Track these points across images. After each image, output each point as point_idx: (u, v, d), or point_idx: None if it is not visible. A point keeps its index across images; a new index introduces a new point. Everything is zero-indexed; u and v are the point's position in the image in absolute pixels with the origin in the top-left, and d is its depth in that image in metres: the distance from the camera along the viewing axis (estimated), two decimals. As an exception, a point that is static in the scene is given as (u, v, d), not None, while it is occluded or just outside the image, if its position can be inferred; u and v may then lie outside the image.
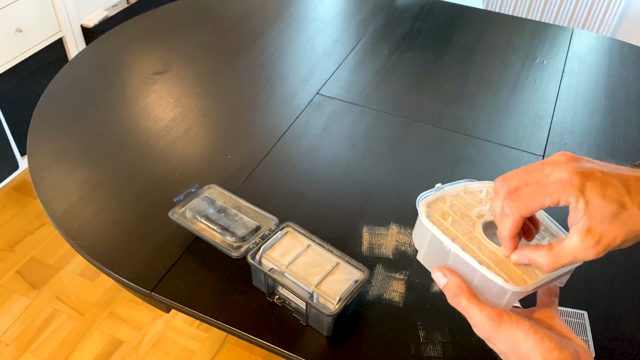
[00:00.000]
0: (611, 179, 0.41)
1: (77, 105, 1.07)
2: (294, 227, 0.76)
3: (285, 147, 1.00)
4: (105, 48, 1.25)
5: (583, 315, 0.72)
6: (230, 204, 0.81)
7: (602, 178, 0.41)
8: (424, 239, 0.50)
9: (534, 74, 1.22)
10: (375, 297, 0.76)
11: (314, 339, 0.71)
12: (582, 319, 0.71)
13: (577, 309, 0.73)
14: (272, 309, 0.74)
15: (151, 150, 0.98)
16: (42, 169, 0.93)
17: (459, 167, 0.97)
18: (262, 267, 0.71)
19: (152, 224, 0.84)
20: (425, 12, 1.44)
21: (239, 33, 1.32)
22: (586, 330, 0.70)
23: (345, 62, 1.24)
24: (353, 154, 1.00)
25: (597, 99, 1.15)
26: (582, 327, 0.71)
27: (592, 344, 0.69)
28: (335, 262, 0.72)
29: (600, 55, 1.29)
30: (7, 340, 1.47)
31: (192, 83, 1.15)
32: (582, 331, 0.70)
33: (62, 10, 1.81)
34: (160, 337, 1.49)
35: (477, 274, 0.46)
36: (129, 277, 0.77)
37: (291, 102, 1.11)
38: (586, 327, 0.70)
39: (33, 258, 1.67)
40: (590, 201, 0.41)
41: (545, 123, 1.08)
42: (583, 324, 0.71)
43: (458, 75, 1.21)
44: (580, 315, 0.72)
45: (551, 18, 2.40)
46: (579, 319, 0.71)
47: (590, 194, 0.41)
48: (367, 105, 1.11)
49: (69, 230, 0.83)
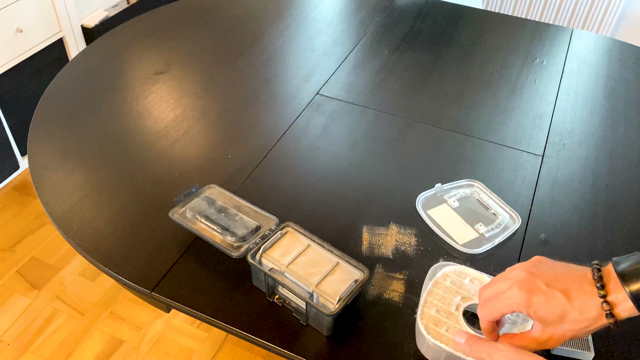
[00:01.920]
0: (554, 292, 0.51)
1: (77, 105, 1.08)
2: (294, 227, 0.76)
3: (285, 147, 1.00)
4: (105, 48, 1.25)
5: None
6: (230, 204, 0.81)
7: (546, 292, 0.52)
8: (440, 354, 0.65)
9: (533, 74, 1.22)
10: (375, 297, 0.76)
11: (314, 339, 0.71)
12: None
13: None
14: (272, 308, 0.74)
15: (151, 150, 0.98)
16: (43, 169, 0.93)
17: (459, 167, 0.97)
18: (262, 267, 0.71)
19: (152, 224, 0.84)
20: (425, 12, 1.44)
21: (239, 33, 1.32)
22: None
23: (345, 62, 1.24)
24: (353, 154, 1.00)
25: (596, 99, 1.16)
26: None
27: (592, 344, 0.69)
28: (335, 262, 0.72)
29: (599, 56, 1.30)
30: (7, 340, 1.47)
31: (192, 83, 1.15)
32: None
33: (62, 10, 1.81)
34: (161, 336, 1.50)
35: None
36: (129, 276, 0.77)
37: (291, 102, 1.11)
38: None
39: (33, 258, 1.67)
40: (537, 312, 0.52)
41: (544, 123, 1.08)
42: None
43: (458, 75, 1.21)
44: None
45: (551, 18, 2.40)
46: None
47: (537, 307, 0.52)
48: (367, 105, 1.11)
49: (69, 230, 0.83)
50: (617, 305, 0.49)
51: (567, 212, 0.90)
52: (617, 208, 0.91)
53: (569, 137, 1.05)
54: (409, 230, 0.85)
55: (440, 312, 0.67)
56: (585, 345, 0.68)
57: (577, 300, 0.51)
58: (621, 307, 0.49)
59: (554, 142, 1.04)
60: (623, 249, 0.84)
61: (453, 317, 0.67)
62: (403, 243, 0.83)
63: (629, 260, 0.50)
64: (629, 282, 0.49)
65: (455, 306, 0.68)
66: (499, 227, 0.86)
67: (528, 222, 0.88)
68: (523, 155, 1.00)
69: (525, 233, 0.86)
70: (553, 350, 0.69)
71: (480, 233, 0.85)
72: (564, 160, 1.00)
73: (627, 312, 0.49)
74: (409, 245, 0.83)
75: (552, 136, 1.05)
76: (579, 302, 0.50)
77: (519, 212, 0.88)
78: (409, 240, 0.84)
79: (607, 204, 0.92)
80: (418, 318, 0.66)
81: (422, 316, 0.67)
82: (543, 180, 0.96)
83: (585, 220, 0.88)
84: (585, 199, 0.92)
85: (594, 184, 0.95)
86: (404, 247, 0.83)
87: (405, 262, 0.80)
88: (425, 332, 0.64)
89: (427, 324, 0.66)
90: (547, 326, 0.53)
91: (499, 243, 0.84)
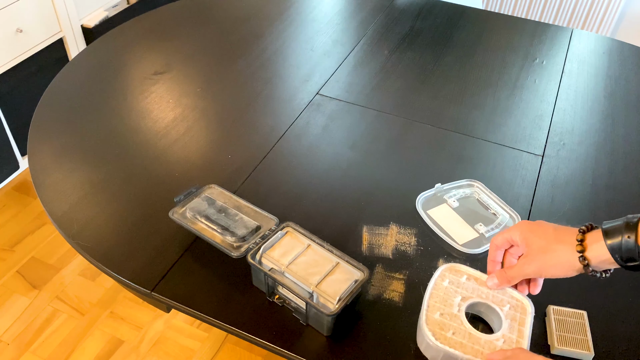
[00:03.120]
0: (544, 227, 0.66)
1: (77, 105, 1.08)
2: (294, 227, 0.76)
3: (285, 147, 1.00)
4: (105, 48, 1.25)
5: (583, 316, 0.72)
6: (230, 204, 0.81)
7: (538, 226, 0.67)
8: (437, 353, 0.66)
9: (533, 74, 1.22)
10: (375, 297, 0.76)
11: (314, 339, 0.71)
12: (582, 319, 0.72)
13: (577, 309, 0.73)
14: (272, 308, 0.74)
15: (151, 150, 0.98)
16: (43, 169, 0.93)
17: (459, 167, 0.97)
18: (262, 266, 0.71)
19: (152, 224, 0.84)
20: (425, 12, 1.44)
21: (239, 33, 1.32)
22: (586, 330, 0.70)
23: (345, 62, 1.24)
24: (353, 154, 1.00)
25: (596, 99, 1.16)
26: (582, 327, 0.71)
27: (592, 344, 0.69)
28: (335, 262, 0.72)
29: (599, 56, 1.30)
30: (7, 340, 1.47)
31: (192, 83, 1.15)
32: (582, 331, 0.70)
33: (62, 10, 1.81)
34: (161, 336, 1.50)
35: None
36: (129, 276, 0.77)
37: (291, 102, 1.11)
38: (586, 327, 0.71)
39: (33, 258, 1.67)
40: (527, 238, 0.66)
41: (544, 123, 1.08)
42: (583, 324, 0.71)
43: (458, 75, 1.21)
44: (580, 315, 0.72)
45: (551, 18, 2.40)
46: (579, 319, 0.72)
47: (528, 234, 0.66)
48: (367, 105, 1.11)
49: (69, 230, 0.83)
50: (589, 247, 0.61)
51: (567, 212, 0.90)
52: (617, 208, 0.91)
53: (568, 137, 1.05)
54: (409, 230, 0.85)
55: (444, 315, 0.67)
56: (585, 345, 0.69)
57: (560, 242, 0.64)
58: (592, 252, 0.61)
59: (553, 142, 1.04)
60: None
61: (456, 318, 0.67)
62: (403, 243, 0.83)
63: (613, 222, 0.62)
64: (609, 237, 0.60)
65: (457, 307, 0.68)
66: (499, 227, 0.86)
67: (528, 222, 0.88)
68: (523, 155, 1.00)
69: (525, 233, 0.86)
70: (553, 350, 0.69)
71: (480, 233, 0.85)
72: (564, 160, 1.00)
73: (597, 259, 0.61)
74: (409, 245, 0.83)
75: (552, 136, 1.05)
76: (561, 245, 0.63)
77: (519, 212, 0.88)
78: (409, 240, 0.84)
79: (607, 203, 0.92)
80: (423, 324, 0.66)
81: (428, 321, 0.67)
82: (543, 180, 0.96)
83: (585, 220, 0.88)
84: (585, 199, 0.92)
85: (594, 184, 0.95)
86: (404, 247, 0.83)
87: (405, 262, 0.81)
88: (433, 338, 0.65)
89: (434, 329, 0.66)
90: (533, 251, 0.65)
91: (499, 243, 0.83)
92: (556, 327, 0.71)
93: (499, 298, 0.70)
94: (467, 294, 0.70)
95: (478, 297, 0.69)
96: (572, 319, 0.72)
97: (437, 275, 0.71)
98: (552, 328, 0.71)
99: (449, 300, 0.69)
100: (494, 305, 0.69)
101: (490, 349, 0.64)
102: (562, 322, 0.71)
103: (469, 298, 0.69)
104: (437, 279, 0.71)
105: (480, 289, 0.71)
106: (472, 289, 0.70)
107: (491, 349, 0.64)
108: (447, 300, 0.69)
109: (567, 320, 0.72)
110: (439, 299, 0.69)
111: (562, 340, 0.69)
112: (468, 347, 0.64)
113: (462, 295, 0.70)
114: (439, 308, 0.68)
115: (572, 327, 0.71)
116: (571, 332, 0.70)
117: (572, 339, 0.69)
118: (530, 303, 0.69)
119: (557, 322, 0.71)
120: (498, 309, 0.68)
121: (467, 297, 0.69)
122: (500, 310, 0.68)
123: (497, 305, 0.69)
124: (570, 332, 0.70)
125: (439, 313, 0.68)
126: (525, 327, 0.67)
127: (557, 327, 0.71)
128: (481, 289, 0.71)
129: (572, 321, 0.71)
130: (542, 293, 0.70)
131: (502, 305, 0.69)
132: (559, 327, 0.71)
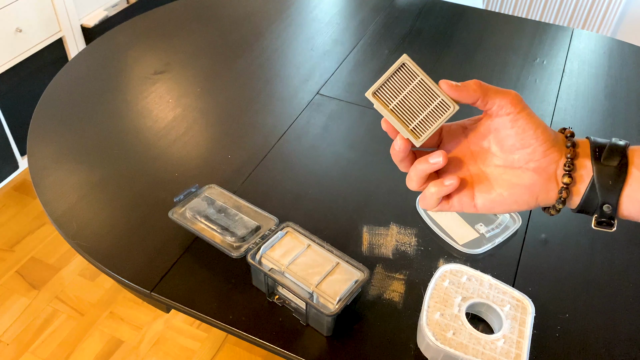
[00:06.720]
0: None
1: (77, 105, 1.07)
2: (294, 227, 0.76)
3: (285, 147, 1.00)
4: (105, 48, 1.25)
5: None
6: (230, 204, 0.81)
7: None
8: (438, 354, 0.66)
9: (534, 74, 1.22)
10: (375, 297, 0.76)
11: (314, 339, 0.71)
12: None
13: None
14: (272, 309, 0.74)
15: (151, 150, 0.98)
16: (42, 169, 0.93)
17: (459, 167, 0.97)
18: (262, 267, 0.71)
19: (152, 224, 0.84)
20: (425, 12, 1.44)
21: (239, 33, 1.32)
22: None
23: (345, 62, 1.24)
24: (353, 154, 1.00)
25: (597, 99, 1.15)
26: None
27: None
28: (335, 262, 0.72)
29: (600, 55, 1.29)
30: (7, 340, 1.47)
31: (192, 83, 1.15)
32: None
33: (62, 10, 1.81)
34: (160, 337, 1.50)
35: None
36: (129, 277, 0.77)
37: (291, 102, 1.11)
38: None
39: (33, 258, 1.67)
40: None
41: (545, 123, 1.08)
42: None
43: (458, 75, 1.21)
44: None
45: (551, 18, 2.40)
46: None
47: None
48: (367, 105, 1.11)
49: (68, 230, 0.83)
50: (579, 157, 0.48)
51: (567, 211, 0.90)
52: (617, 208, 0.91)
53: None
54: (409, 230, 0.85)
55: (445, 315, 0.67)
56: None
57: (527, 113, 0.50)
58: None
59: (554, 142, 1.04)
60: (623, 248, 0.84)
61: (457, 319, 0.67)
62: (403, 243, 0.83)
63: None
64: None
65: (458, 307, 0.68)
66: (499, 227, 0.85)
67: (528, 222, 0.88)
68: (523, 155, 1.00)
69: (525, 233, 0.86)
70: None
71: (480, 233, 0.85)
72: (564, 160, 1.00)
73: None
74: (409, 246, 0.83)
75: (553, 136, 1.05)
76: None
77: (519, 212, 0.88)
78: (409, 240, 0.84)
79: (607, 204, 0.92)
80: (424, 324, 0.66)
81: (428, 322, 0.67)
82: (543, 180, 0.95)
83: (586, 220, 0.88)
84: (586, 199, 0.92)
85: (594, 184, 0.95)
86: (404, 247, 0.83)
87: (405, 262, 0.80)
88: (433, 338, 0.65)
89: (434, 329, 0.66)
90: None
91: (499, 243, 0.83)
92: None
93: (500, 298, 0.70)
94: (468, 294, 0.70)
95: (478, 297, 0.69)
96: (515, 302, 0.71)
97: (437, 276, 0.71)
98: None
99: (450, 300, 0.69)
100: (495, 306, 0.69)
101: (491, 349, 0.64)
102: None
103: (469, 298, 0.69)
104: (438, 280, 0.71)
105: (481, 289, 0.71)
106: (472, 289, 0.70)
107: (492, 349, 0.64)
108: (447, 300, 0.69)
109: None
110: (440, 300, 0.69)
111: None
112: (468, 347, 0.64)
113: (463, 295, 0.70)
114: (440, 308, 0.68)
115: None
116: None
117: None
118: (531, 303, 0.69)
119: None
120: (498, 309, 0.68)
121: (467, 298, 0.69)
122: (501, 311, 0.68)
123: (497, 306, 0.69)
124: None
125: (440, 313, 0.67)
126: (525, 327, 0.66)
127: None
128: (482, 289, 0.71)
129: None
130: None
131: (502, 305, 0.69)
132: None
